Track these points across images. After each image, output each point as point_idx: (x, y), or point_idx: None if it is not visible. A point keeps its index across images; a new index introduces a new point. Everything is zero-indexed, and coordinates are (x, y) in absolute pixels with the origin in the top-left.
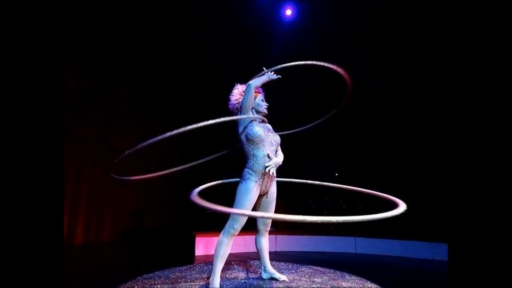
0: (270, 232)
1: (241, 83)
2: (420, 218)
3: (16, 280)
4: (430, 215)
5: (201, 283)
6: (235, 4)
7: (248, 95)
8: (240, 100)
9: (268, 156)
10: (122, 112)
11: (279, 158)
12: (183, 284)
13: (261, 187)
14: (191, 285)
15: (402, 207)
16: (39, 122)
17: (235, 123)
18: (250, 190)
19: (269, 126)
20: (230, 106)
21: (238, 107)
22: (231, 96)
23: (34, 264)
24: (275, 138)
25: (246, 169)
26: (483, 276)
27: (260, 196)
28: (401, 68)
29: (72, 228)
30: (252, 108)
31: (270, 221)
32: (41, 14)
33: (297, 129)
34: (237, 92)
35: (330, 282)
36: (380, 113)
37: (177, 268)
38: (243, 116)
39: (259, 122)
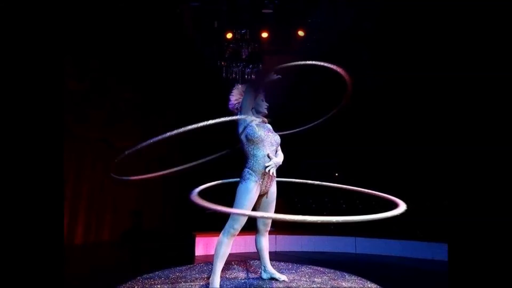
0: (270, 232)
1: (241, 83)
2: (420, 218)
3: (16, 280)
4: (430, 215)
5: (201, 283)
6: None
7: (248, 95)
8: (240, 100)
9: (268, 156)
10: (122, 112)
11: (279, 158)
12: (183, 284)
13: (261, 187)
14: (191, 285)
15: (402, 207)
16: (39, 122)
17: (235, 123)
18: (250, 190)
19: (269, 126)
20: (230, 106)
21: (238, 107)
22: (231, 96)
23: (34, 264)
24: (275, 138)
25: (246, 169)
26: (483, 276)
27: (260, 196)
28: (401, 68)
29: (72, 228)
30: (252, 108)
31: (270, 221)
32: (41, 14)
33: (297, 129)
34: (237, 92)
35: (330, 282)
36: (380, 113)
37: (177, 268)
38: (243, 116)
39: (259, 122)
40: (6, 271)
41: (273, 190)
